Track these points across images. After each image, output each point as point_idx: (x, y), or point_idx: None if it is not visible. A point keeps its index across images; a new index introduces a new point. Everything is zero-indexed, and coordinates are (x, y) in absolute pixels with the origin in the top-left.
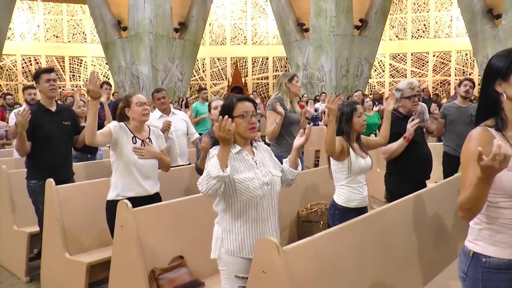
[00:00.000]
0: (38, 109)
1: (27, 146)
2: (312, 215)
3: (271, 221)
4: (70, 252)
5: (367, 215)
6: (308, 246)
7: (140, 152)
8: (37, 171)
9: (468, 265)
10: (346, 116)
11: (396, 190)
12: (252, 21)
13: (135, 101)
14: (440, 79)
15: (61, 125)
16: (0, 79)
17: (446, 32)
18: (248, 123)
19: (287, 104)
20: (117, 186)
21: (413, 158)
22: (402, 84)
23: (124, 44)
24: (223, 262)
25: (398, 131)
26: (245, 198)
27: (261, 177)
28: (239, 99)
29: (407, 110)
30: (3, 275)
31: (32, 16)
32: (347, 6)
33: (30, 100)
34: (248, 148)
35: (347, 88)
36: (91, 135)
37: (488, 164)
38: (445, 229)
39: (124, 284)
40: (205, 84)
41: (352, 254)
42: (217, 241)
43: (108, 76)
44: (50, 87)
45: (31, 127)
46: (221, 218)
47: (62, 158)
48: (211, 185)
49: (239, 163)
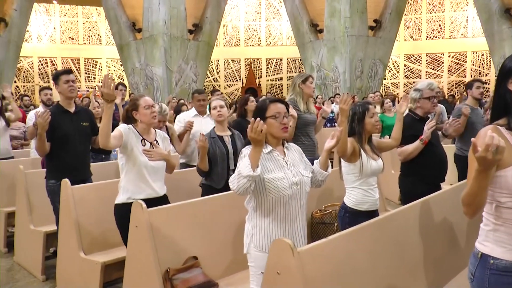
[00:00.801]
0: (57, 110)
1: (47, 147)
2: (326, 217)
3: (299, 220)
4: (85, 252)
5: (381, 218)
6: (322, 248)
7: (150, 154)
8: (55, 171)
9: (476, 266)
10: (358, 116)
11: (411, 192)
12: (266, 22)
13: (143, 104)
14: (455, 80)
15: (79, 125)
16: (18, 80)
17: (461, 33)
18: (280, 123)
19: (301, 106)
20: (127, 189)
21: (428, 160)
22: (421, 84)
23: (139, 45)
24: (252, 258)
25: (414, 132)
26: (274, 196)
27: (290, 177)
28: (271, 100)
29: (425, 111)
30: (20, 273)
31: (49, 18)
32: (362, 6)
33: (47, 101)
34: (280, 148)
35: (361, 89)
36: (105, 138)
37: (482, 155)
38: (459, 233)
39: (138, 284)
40: (219, 85)
41: (366, 257)
42: (248, 236)
43: (123, 78)
44: (69, 88)
45: (50, 127)
46: (251, 215)
47: (80, 158)
48: (241, 183)
49: (270, 163)
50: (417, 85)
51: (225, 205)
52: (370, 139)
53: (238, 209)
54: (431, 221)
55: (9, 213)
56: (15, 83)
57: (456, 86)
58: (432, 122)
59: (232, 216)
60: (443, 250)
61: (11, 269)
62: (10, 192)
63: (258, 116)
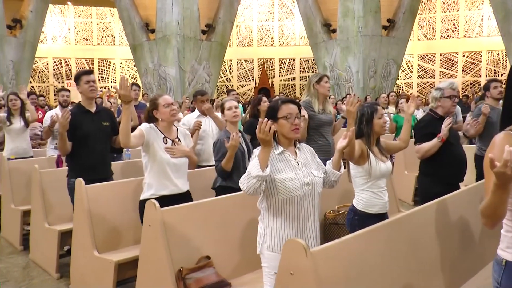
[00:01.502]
0: (78, 110)
1: (68, 146)
2: (339, 218)
3: (311, 221)
4: (99, 250)
5: (395, 219)
6: (336, 248)
7: (172, 152)
8: (76, 170)
9: (501, 275)
10: (367, 117)
11: (429, 192)
12: (279, 22)
13: (162, 102)
14: (470, 80)
15: (100, 125)
16: (33, 81)
17: (476, 32)
18: (292, 124)
19: (315, 106)
20: (151, 185)
21: (446, 159)
22: (443, 83)
23: (152, 46)
24: (265, 259)
25: (433, 131)
26: (285, 197)
27: (302, 177)
28: (284, 101)
29: (446, 110)
30: (36, 271)
31: (63, 20)
32: (375, 6)
33: (63, 102)
34: (291, 149)
35: (375, 89)
36: (126, 137)
37: (500, 171)
38: (475, 235)
39: (152, 282)
40: (231, 85)
41: (379, 258)
42: (260, 237)
43: (136, 78)
44: (89, 88)
45: (71, 127)
46: (263, 216)
47: (101, 157)
48: (251, 184)
49: (281, 163)
50: (438, 84)
51: (238, 205)
52: (378, 140)
53: (251, 209)
54: (447, 221)
55: (25, 211)
56: (30, 84)
57: (471, 86)
58: (449, 120)
59: (245, 215)
60: (459, 251)
61: (27, 267)
62: (26, 190)
63: (270, 116)
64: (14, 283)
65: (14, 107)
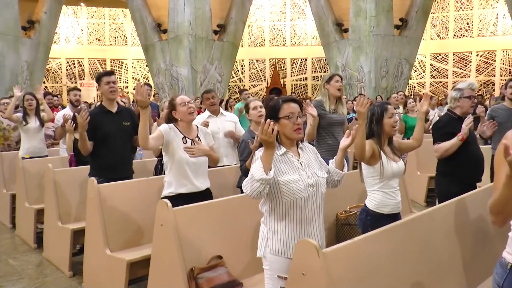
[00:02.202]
0: (100, 110)
1: (89, 146)
2: (351, 218)
3: (316, 222)
4: (111, 249)
5: (407, 220)
6: (348, 249)
7: (191, 151)
8: (98, 169)
9: (504, 278)
10: (377, 117)
11: (446, 192)
12: (291, 22)
13: (179, 102)
14: (483, 80)
15: (121, 125)
16: (47, 81)
17: (491, 31)
18: (294, 124)
19: (327, 106)
20: (171, 184)
21: (464, 159)
22: (462, 84)
23: (164, 46)
24: (267, 261)
25: (452, 130)
26: (290, 199)
27: (306, 178)
28: (284, 100)
29: (464, 111)
30: (49, 269)
31: (76, 20)
32: (387, 5)
33: (75, 101)
34: (294, 149)
35: (387, 89)
36: (144, 140)
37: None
38: (491, 237)
39: (163, 282)
40: (243, 85)
41: (392, 259)
42: (263, 240)
43: (148, 78)
44: (109, 89)
45: (92, 127)
46: (266, 218)
47: (121, 157)
48: (255, 187)
49: (284, 165)
50: (457, 85)
51: (250, 205)
52: (391, 140)
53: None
54: (459, 224)
55: (38, 210)
56: (44, 84)
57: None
58: (470, 119)
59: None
60: (470, 254)
61: (40, 265)
62: (39, 189)
63: (271, 116)
64: (28, 280)
65: (30, 107)
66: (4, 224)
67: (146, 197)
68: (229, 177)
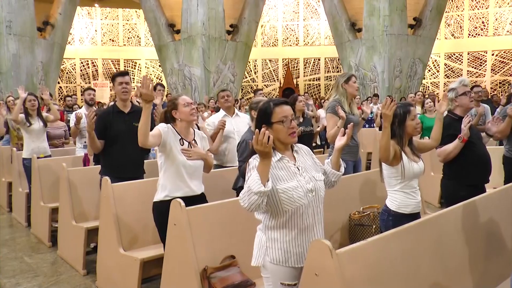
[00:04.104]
0: (112, 110)
1: (98, 144)
2: (364, 219)
3: (316, 229)
4: (125, 248)
5: (422, 221)
6: (361, 250)
7: (188, 154)
8: (107, 168)
9: None
10: (399, 118)
11: (453, 195)
12: (304, 22)
13: (182, 102)
14: (499, 79)
15: (131, 126)
16: (61, 81)
17: (507, 29)
18: (288, 128)
19: (345, 106)
20: (165, 187)
21: (469, 160)
22: (454, 84)
23: (177, 46)
24: (267, 271)
25: (453, 132)
26: (290, 208)
27: (304, 184)
28: (276, 103)
29: (465, 108)
30: (63, 267)
31: (91, 21)
32: (401, 4)
33: (89, 100)
34: (289, 153)
35: (400, 89)
36: (144, 137)
37: None
38: (504, 239)
39: (176, 281)
40: (256, 85)
41: (405, 260)
42: (261, 249)
43: (161, 78)
44: (122, 90)
45: (103, 127)
46: (265, 227)
47: (131, 157)
48: (252, 200)
49: (281, 171)
50: (450, 86)
51: None
52: (411, 140)
53: None
54: (473, 226)
55: (53, 208)
56: (58, 84)
57: (500, 86)
58: (468, 119)
59: None
60: (484, 256)
61: (55, 263)
62: (54, 188)
63: (263, 121)
64: (43, 278)
65: (33, 107)
66: (20, 223)
67: None
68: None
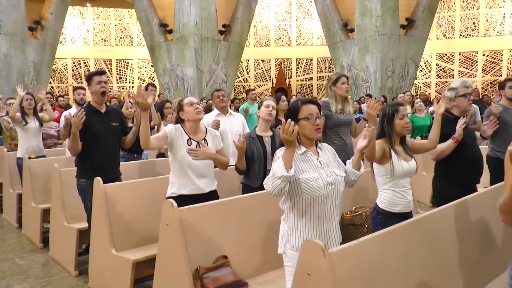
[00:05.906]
0: (88, 110)
1: (79, 146)
2: (356, 218)
3: (334, 220)
4: (117, 249)
5: (414, 220)
6: (353, 249)
7: (195, 154)
8: (86, 170)
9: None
10: (388, 117)
11: (445, 194)
12: (297, 22)
13: (186, 102)
14: (490, 79)
15: (109, 126)
16: (53, 81)
17: (497, 30)
18: (313, 124)
19: (333, 107)
20: (174, 184)
21: (462, 161)
22: (455, 83)
23: (170, 46)
24: (288, 258)
25: (448, 132)
26: (310, 197)
27: (325, 177)
28: (303, 102)
29: (462, 109)
30: (55, 268)
31: (82, 21)
32: (393, 5)
33: (80, 100)
34: (313, 149)
35: (392, 89)
36: (145, 141)
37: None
38: (495, 238)
39: (169, 281)
40: (249, 85)
41: (397, 259)
42: (283, 237)
43: (154, 78)
44: (101, 89)
45: (82, 127)
46: (287, 216)
47: (110, 158)
48: (276, 184)
49: (304, 163)
50: (451, 84)
51: (256, 205)
52: (404, 140)
53: (269, 209)
54: (465, 224)
55: (44, 209)
56: (50, 84)
57: (491, 86)
58: (463, 120)
59: (263, 215)
60: (479, 253)
61: (47, 264)
62: (45, 189)
63: (291, 117)
64: (34, 279)
65: (30, 106)
66: (11, 224)
67: (152, 197)
68: (235, 178)
